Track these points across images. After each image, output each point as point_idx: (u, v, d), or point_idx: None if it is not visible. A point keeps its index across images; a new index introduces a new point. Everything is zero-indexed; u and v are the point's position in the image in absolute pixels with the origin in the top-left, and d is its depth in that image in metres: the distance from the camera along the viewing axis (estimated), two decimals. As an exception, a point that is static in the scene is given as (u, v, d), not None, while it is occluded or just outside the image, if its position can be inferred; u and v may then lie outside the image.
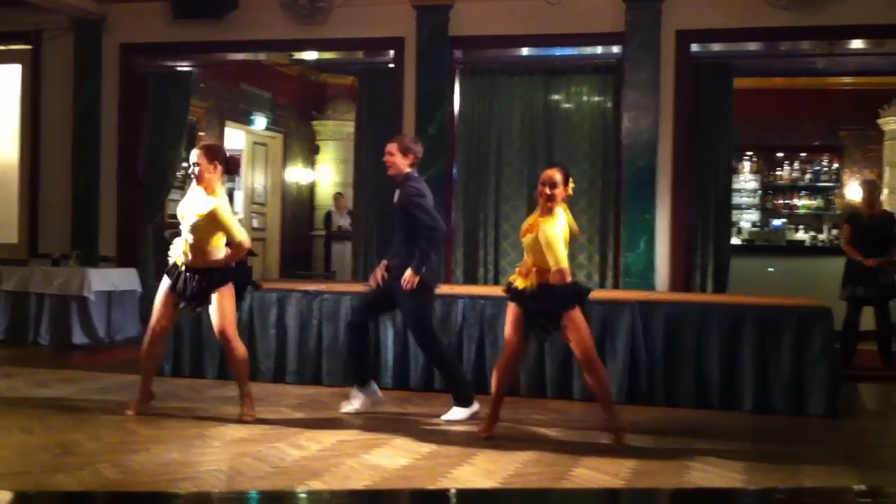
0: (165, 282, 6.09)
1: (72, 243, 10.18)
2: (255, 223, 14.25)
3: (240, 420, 5.89)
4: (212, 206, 5.88)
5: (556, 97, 9.78)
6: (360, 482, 4.60)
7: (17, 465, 4.78)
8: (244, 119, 13.59)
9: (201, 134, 12.42)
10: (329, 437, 5.52)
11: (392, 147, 6.32)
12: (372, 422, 6.01)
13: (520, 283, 5.56)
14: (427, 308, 6.29)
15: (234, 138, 13.74)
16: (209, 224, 5.89)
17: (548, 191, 5.50)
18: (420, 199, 6.16)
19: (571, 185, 5.61)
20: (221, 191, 6.01)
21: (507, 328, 5.65)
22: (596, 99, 9.68)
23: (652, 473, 4.89)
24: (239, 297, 6.15)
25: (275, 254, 14.40)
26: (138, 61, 10.43)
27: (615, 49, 9.21)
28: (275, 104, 14.17)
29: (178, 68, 10.62)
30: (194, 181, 6.02)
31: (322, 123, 14.92)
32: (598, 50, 9.51)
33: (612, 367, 6.78)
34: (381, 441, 5.46)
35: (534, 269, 5.49)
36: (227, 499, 4.32)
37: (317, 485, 4.52)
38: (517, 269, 5.67)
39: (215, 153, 6.01)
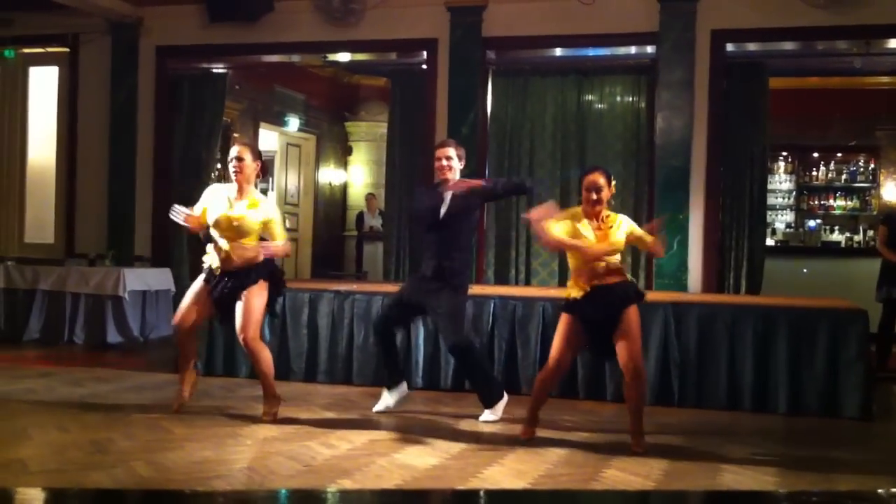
0: (200, 281, 6.09)
1: (107, 243, 10.32)
2: (288, 223, 14.32)
3: (261, 419, 5.90)
4: (270, 215, 5.89)
5: (588, 98, 9.76)
6: (390, 481, 4.61)
7: (52, 462, 4.84)
8: (278, 120, 13.68)
9: (236, 135, 12.52)
10: (360, 437, 5.54)
11: (454, 152, 6.21)
12: (402, 421, 6.03)
13: (576, 293, 5.43)
14: (465, 310, 6.30)
15: (268, 139, 13.84)
16: (259, 229, 5.88)
17: (594, 196, 5.41)
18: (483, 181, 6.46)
19: (613, 184, 5.55)
20: (256, 193, 6.03)
21: (560, 343, 5.44)
22: (629, 99, 9.65)
23: (683, 475, 4.86)
24: (273, 302, 6.07)
25: (307, 254, 14.48)
26: (174, 63, 10.54)
27: (649, 49, 9.18)
28: (308, 105, 14.26)
29: (213, 70, 10.72)
30: (231, 181, 5.99)
31: (355, 125, 14.99)
32: (632, 50, 9.49)
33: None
34: (412, 440, 5.47)
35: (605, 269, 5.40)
36: (260, 497, 4.36)
37: (348, 484, 4.54)
38: (571, 282, 5.48)
39: (258, 152, 6.03)
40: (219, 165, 11.87)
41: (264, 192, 14.21)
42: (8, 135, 11.10)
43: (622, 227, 5.48)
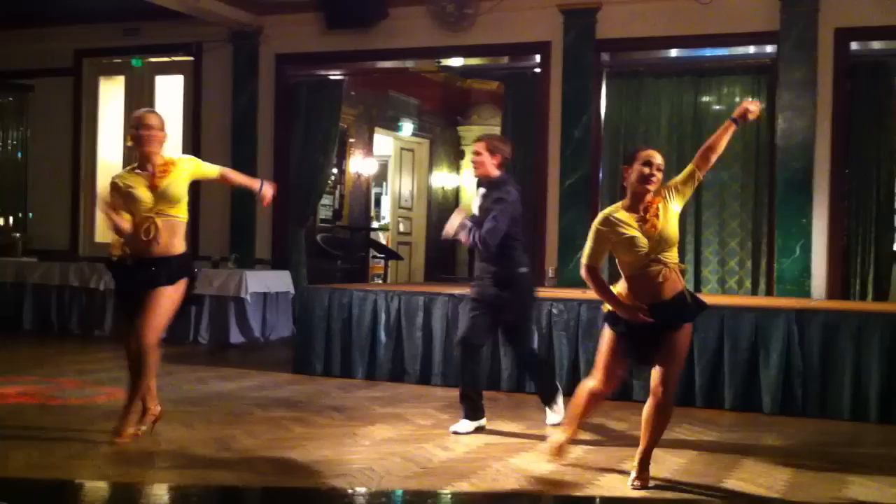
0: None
1: (230, 246, 10.64)
2: (402, 227, 14.50)
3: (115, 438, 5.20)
4: (189, 158, 5.61)
5: (705, 99, 9.57)
6: (506, 485, 4.62)
7: (178, 459, 5.01)
8: (392, 125, 13.86)
9: (351, 141, 12.75)
10: (475, 440, 5.57)
11: (480, 146, 5.90)
12: (518, 425, 6.03)
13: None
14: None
15: (382, 144, 14.03)
16: (187, 186, 5.57)
17: (659, 175, 4.61)
18: (499, 206, 5.75)
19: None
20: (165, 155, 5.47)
21: (607, 357, 4.70)
22: (748, 100, 9.41)
23: (807, 486, 4.72)
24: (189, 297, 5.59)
25: (420, 258, 14.62)
26: (292, 70, 10.79)
27: (769, 48, 8.95)
28: (421, 110, 14.40)
29: (330, 77, 10.93)
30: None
31: (467, 129, 15.05)
32: (751, 50, 9.27)
33: (765, 378, 6.59)
34: (528, 445, 5.46)
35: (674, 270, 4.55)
36: (380, 497, 4.43)
37: (464, 486, 4.56)
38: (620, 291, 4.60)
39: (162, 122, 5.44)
40: (335, 170, 12.11)
41: (378, 196, 14.43)
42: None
43: (670, 207, 4.54)
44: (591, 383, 4.78)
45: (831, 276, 8.61)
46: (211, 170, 5.65)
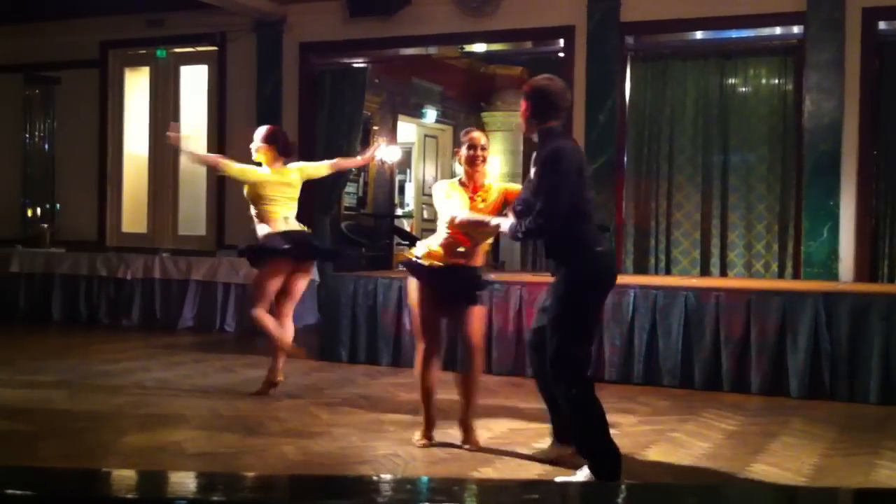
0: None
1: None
2: (426, 214, 14.50)
3: None
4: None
5: (732, 81, 9.49)
6: (531, 471, 4.63)
7: (206, 445, 5.06)
8: (415, 112, 13.85)
9: (375, 128, 12.74)
10: (500, 426, 5.57)
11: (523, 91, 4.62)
12: (542, 412, 6.01)
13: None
14: None
15: (406, 131, 14.03)
16: None
17: (484, 154, 4.93)
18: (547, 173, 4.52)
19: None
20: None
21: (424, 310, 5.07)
22: (774, 81, 9.34)
23: (836, 470, 4.69)
24: None
25: (445, 244, 14.60)
26: (316, 59, 10.79)
27: (795, 29, 8.84)
28: (444, 97, 14.37)
29: (353, 65, 10.93)
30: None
31: (490, 115, 15.00)
32: (777, 31, 9.16)
33: (792, 362, 6.54)
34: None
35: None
36: (406, 483, 4.44)
37: (489, 472, 4.57)
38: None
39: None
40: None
41: (402, 183, 14.42)
42: (162, 133, 11.61)
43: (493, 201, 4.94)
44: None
45: (859, 258, 8.52)
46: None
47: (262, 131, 6.51)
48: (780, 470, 4.66)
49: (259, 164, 6.48)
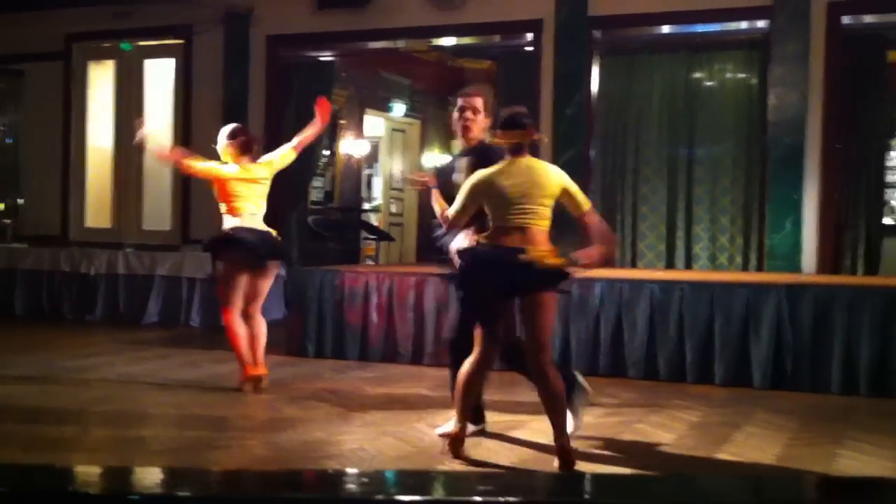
0: None
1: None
2: (393, 209, 14.48)
3: None
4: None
5: (698, 75, 9.57)
6: (500, 463, 4.63)
7: (171, 441, 5.03)
8: (383, 106, 13.81)
9: (342, 122, 12.70)
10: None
11: (477, 101, 5.18)
12: (512, 405, 6.03)
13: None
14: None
15: (374, 125, 13.99)
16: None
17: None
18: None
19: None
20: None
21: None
22: (740, 75, 9.42)
23: (799, 460, 4.75)
24: None
25: (412, 239, 14.60)
26: (284, 52, 10.72)
27: (760, 24, 8.90)
28: (413, 90, 14.34)
29: (321, 58, 10.88)
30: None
31: (459, 108, 14.99)
32: (743, 25, 9.21)
33: (756, 353, 6.61)
34: (521, 423, 5.47)
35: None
36: (371, 477, 4.44)
37: (456, 465, 4.58)
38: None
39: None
40: (326, 152, 12.09)
41: (370, 177, 14.39)
42: (127, 127, 11.49)
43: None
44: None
45: (822, 250, 8.61)
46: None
47: (226, 130, 6.47)
48: (744, 460, 4.71)
49: (226, 163, 6.43)
